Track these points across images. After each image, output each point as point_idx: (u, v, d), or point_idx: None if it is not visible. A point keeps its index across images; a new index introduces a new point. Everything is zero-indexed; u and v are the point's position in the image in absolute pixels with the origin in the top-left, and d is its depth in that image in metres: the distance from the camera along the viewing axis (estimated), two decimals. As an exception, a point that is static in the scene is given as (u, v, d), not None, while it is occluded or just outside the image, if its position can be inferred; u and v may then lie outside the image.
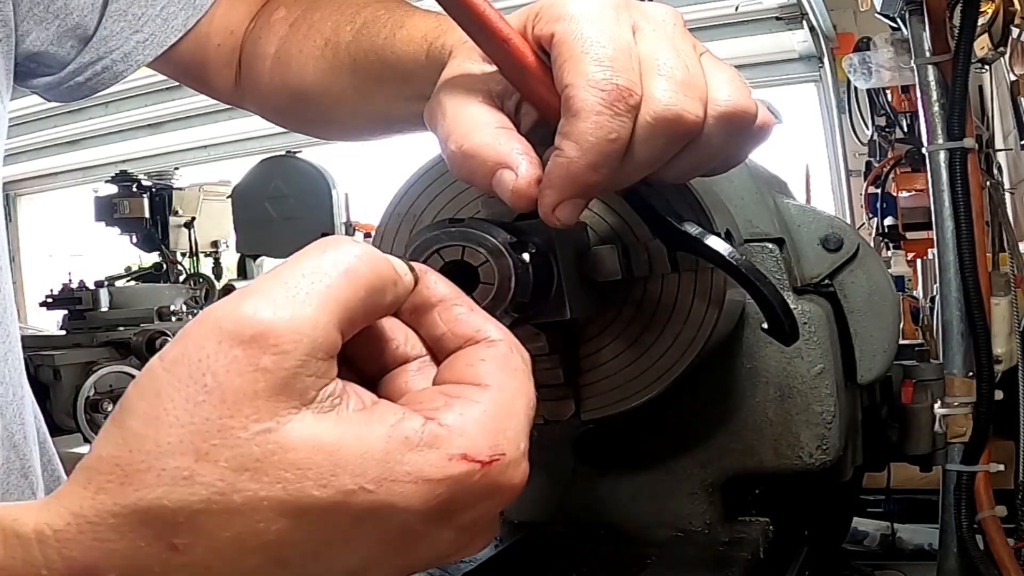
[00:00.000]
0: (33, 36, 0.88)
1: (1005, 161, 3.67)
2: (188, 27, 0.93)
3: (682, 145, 0.56)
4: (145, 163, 7.99)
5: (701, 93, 0.55)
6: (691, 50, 0.57)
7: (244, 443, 0.38)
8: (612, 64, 0.53)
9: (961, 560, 1.43)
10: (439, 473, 0.40)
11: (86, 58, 0.92)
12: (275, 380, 0.38)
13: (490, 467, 0.42)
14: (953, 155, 1.49)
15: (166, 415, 0.38)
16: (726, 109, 0.56)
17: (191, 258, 6.69)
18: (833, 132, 6.12)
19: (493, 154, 0.55)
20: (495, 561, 0.84)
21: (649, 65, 0.54)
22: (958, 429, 1.43)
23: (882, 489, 1.56)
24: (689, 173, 0.59)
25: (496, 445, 0.42)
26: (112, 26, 0.91)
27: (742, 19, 5.88)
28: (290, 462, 0.38)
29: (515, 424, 0.44)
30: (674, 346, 0.70)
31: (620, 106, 0.52)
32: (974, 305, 1.46)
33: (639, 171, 0.56)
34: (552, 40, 0.54)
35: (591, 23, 0.54)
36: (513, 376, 0.46)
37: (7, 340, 0.85)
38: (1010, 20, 1.87)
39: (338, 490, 0.39)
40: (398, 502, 0.40)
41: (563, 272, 0.62)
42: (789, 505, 0.92)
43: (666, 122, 0.54)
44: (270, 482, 0.38)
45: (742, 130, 0.58)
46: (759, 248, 0.82)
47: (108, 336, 4.85)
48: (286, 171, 5.96)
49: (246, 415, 0.38)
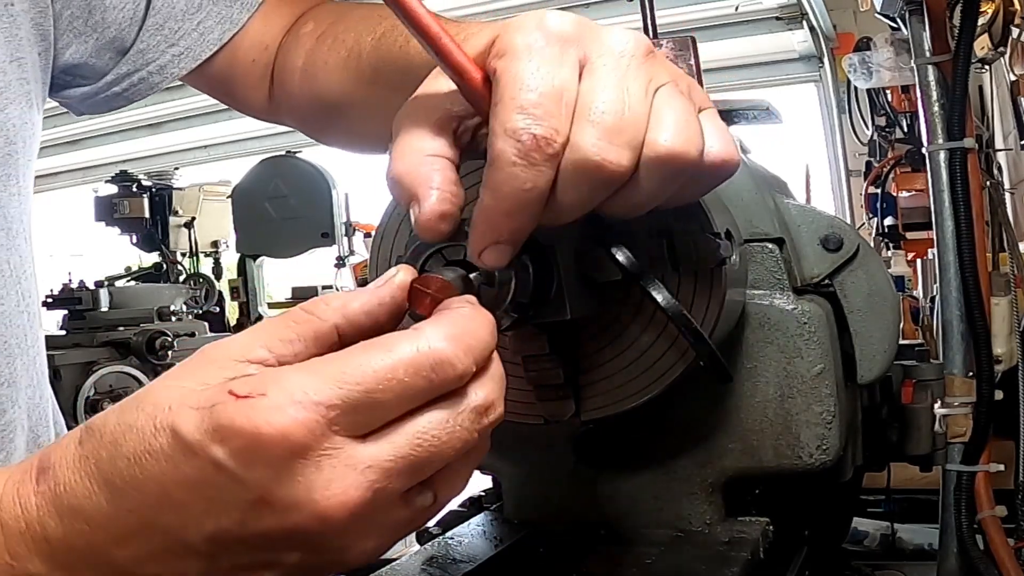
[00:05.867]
0: (73, 49, 0.91)
1: (1005, 161, 3.67)
2: (223, 41, 0.95)
3: (609, 191, 0.55)
4: (145, 163, 7.98)
5: (632, 138, 0.54)
6: (642, 85, 0.55)
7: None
8: (534, 111, 0.52)
9: (961, 560, 1.43)
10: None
11: (123, 69, 0.95)
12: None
13: (243, 400, 0.44)
14: (953, 155, 1.49)
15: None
16: (662, 154, 0.54)
17: (191, 258, 6.68)
18: (833, 132, 6.12)
19: (409, 183, 0.55)
20: (495, 561, 0.84)
21: (583, 108, 0.53)
22: (958, 429, 1.43)
23: (882, 489, 1.56)
24: (628, 212, 0.58)
25: (257, 388, 0.45)
26: (149, 39, 0.94)
27: (742, 19, 5.88)
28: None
29: (303, 379, 0.45)
30: (674, 346, 0.70)
31: (536, 156, 0.52)
32: (974, 305, 1.46)
33: (567, 215, 0.56)
34: (494, 76, 0.54)
35: (528, 61, 0.53)
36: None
37: (35, 344, 0.88)
38: (1010, 20, 1.87)
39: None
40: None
41: (563, 272, 0.62)
42: (789, 505, 0.92)
43: (587, 171, 0.53)
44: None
45: (680, 174, 0.56)
46: (759, 248, 0.82)
47: (108, 336, 4.84)
48: (286, 171, 5.95)
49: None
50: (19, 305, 0.85)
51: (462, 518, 0.97)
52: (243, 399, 0.44)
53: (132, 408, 0.47)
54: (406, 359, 0.46)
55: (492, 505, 0.98)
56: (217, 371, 0.47)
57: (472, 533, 0.90)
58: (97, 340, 4.82)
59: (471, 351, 0.48)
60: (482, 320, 0.50)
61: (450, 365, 0.47)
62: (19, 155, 0.85)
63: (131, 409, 0.47)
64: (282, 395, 0.44)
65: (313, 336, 0.49)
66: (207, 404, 0.45)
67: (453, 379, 0.47)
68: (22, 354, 0.85)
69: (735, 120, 1.05)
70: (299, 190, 5.87)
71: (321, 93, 0.92)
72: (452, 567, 0.82)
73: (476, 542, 0.88)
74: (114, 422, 0.47)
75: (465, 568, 0.81)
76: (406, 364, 0.46)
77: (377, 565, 0.85)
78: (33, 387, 0.87)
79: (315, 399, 0.44)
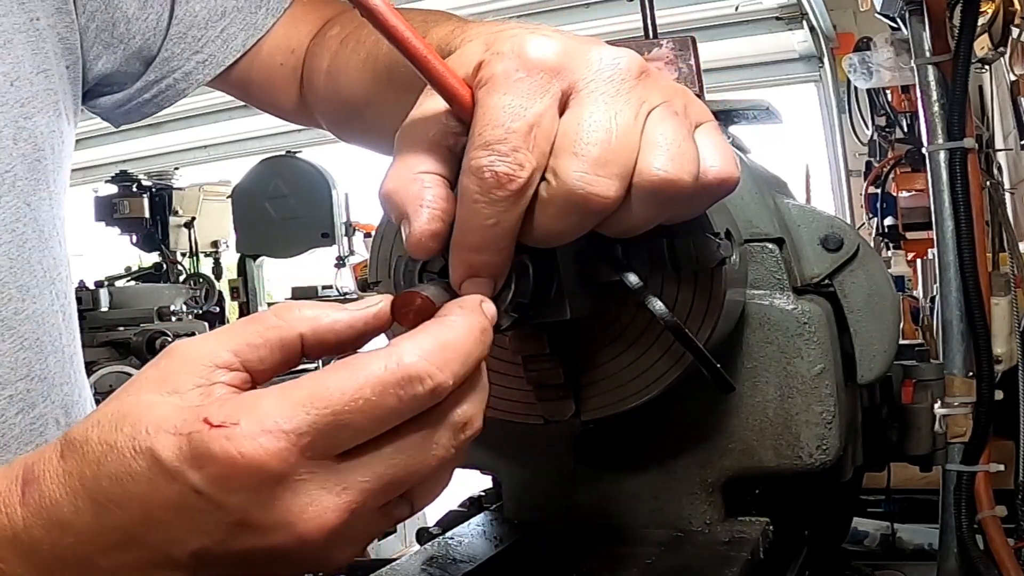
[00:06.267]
0: (103, 60, 0.95)
1: (1005, 161, 3.67)
2: (247, 47, 0.98)
3: (599, 219, 0.55)
4: (145, 163, 7.98)
5: (621, 168, 0.53)
6: (633, 109, 0.54)
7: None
8: (499, 147, 0.51)
9: (961, 560, 1.43)
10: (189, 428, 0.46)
11: (151, 77, 0.99)
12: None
13: (217, 429, 0.45)
14: (953, 155, 1.49)
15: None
16: (654, 181, 0.53)
17: (191, 258, 6.68)
18: (833, 132, 6.12)
19: (400, 201, 0.55)
20: (495, 561, 0.84)
21: (566, 140, 0.53)
22: (958, 429, 1.43)
23: (882, 489, 1.57)
24: (623, 235, 0.57)
25: (231, 417, 0.46)
26: (173, 48, 0.97)
27: (742, 19, 5.88)
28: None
29: (273, 407, 0.46)
30: (674, 346, 0.70)
31: (498, 193, 0.52)
32: (974, 305, 1.46)
33: (556, 241, 0.56)
34: (476, 103, 0.54)
35: (502, 95, 0.53)
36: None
37: (70, 344, 0.92)
38: (1010, 20, 1.88)
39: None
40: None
41: (563, 272, 0.62)
42: (789, 505, 0.92)
43: (573, 203, 0.53)
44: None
45: (674, 199, 0.55)
46: (759, 248, 0.82)
47: (108, 336, 4.84)
48: (286, 171, 5.94)
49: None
50: (52, 305, 0.88)
51: (462, 518, 0.97)
52: (217, 428, 0.45)
53: (110, 427, 0.47)
54: (372, 378, 0.46)
55: (492, 505, 0.98)
56: (188, 378, 0.48)
57: (472, 533, 0.90)
58: (97, 340, 4.81)
59: (448, 364, 0.47)
60: (466, 330, 0.49)
61: (420, 380, 0.46)
62: (47, 161, 0.88)
63: (110, 428, 0.47)
64: (254, 424, 0.45)
65: (279, 343, 0.50)
66: (184, 430, 0.46)
67: (425, 395, 0.47)
68: (55, 352, 0.88)
69: (735, 120, 1.05)
70: (299, 190, 5.87)
71: (343, 94, 0.94)
72: (452, 567, 0.82)
73: (476, 542, 0.88)
74: (95, 440, 0.47)
75: (465, 568, 0.81)
76: (373, 383, 0.46)
77: (377, 565, 0.85)
78: (69, 384, 0.91)
79: (285, 428, 0.45)
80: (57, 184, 0.91)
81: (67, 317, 0.91)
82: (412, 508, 0.51)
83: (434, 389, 0.47)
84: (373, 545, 4.44)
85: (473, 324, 0.50)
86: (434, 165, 0.55)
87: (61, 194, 0.93)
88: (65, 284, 0.91)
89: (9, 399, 0.82)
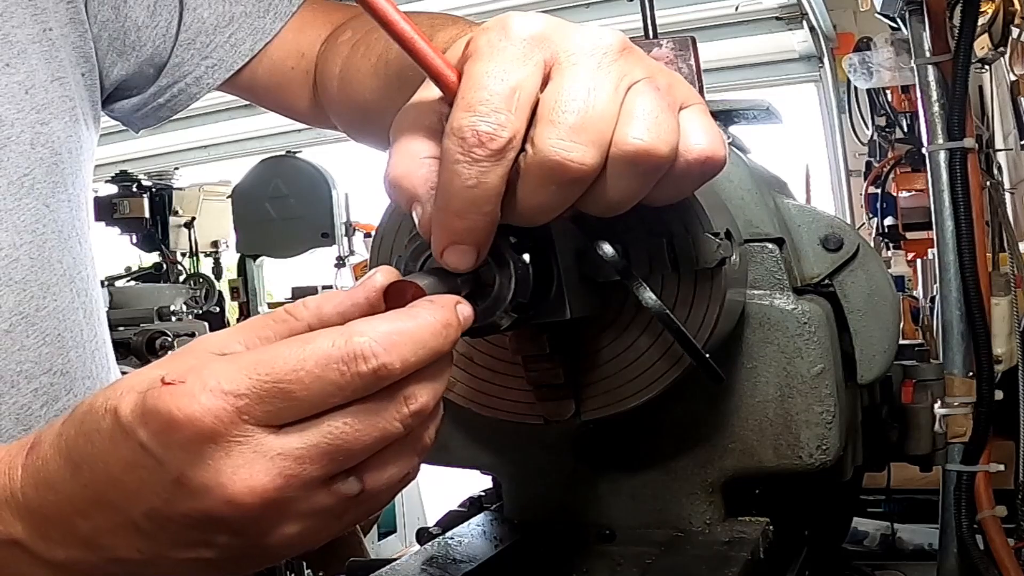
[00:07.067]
0: (119, 67, 0.99)
1: (1005, 161, 3.67)
2: (256, 51, 1.01)
3: (577, 190, 0.54)
4: (145, 163, 7.97)
5: (598, 136, 0.52)
6: (613, 82, 0.54)
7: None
8: (480, 108, 0.51)
9: (961, 560, 1.43)
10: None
11: (163, 82, 1.03)
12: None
13: (167, 387, 0.47)
14: (953, 155, 1.49)
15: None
16: (629, 151, 0.53)
17: (191, 258, 6.67)
18: (833, 132, 6.12)
19: (409, 186, 0.55)
20: (495, 561, 0.84)
21: (546, 107, 0.53)
22: (958, 429, 1.43)
23: (882, 489, 1.56)
24: (605, 212, 0.57)
25: (182, 375, 0.47)
26: (183, 54, 1.01)
27: (742, 19, 5.87)
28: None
29: (220, 369, 0.47)
30: (674, 346, 0.70)
31: (478, 152, 0.51)
32: (974, 305, 1.46)
33: (538, 216, 0.55)
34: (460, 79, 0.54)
35: (487, 61, 0.53)
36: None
37: (92, 340, 0.95)
38: (1010, 20, 1.88)
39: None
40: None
41: (563, 272, 0.62)
42: (789, 505, 0.92)
43: (547, 170, 0.52)
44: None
45: (653, 171, 0.55)
46: (759, 248, 0.82)
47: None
48: (286, 171, 5.94)
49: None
50: (73, 302, 0.91)
51: (462, 518, 0.97)
52: (167, 385, 0.46)
53: (104, 389, 0.50)
54: (319, 352, 0.47)
55: (492, 505, 0.98)
56: (191, 361, 0.49)
57: (472, 533, 0.90)
58: (97, 340, 4.82)
59: (396, 348, 0.48)
60: (428, 321, 0.50)
61: (364, 359, 0.47)
62: (65, 164, 0.91)
63: (103, 390, 0.50)
64: (197, 383, 0.46)
65: (288, 334, 0.51)
66: (142, 388, 0.47)
67: (369, 374, 0.47)
68: (76, 347, 0.91)
69: (735, 120, 1.05)
70: (299, 190, 5.87)
71: (355, 99, 0.95)
72: (452, 567, 0.82)
73: (476, 542, 0.88)
74: (86, 403, 0.50)
75: (465, 568, 0.81)
76: (318, 356, 0.47)
77: (377, 565, 0.85)
78: (92, 379, 0.94)
79: (224, 388, 0.46)
80: (76, 186, 0.94)
81: (88, 314, 0.94)
82: (363, 487, 0.51)
83: (377, 369, 0.47)
84: (373, 545, 4.40)
85: (437, 317, 0.50)
86: (437, 149, 0.56)
87: (81, 196, 0.95)
88: (87, 282, 0.94)
89: (34, 392, 0.86)
